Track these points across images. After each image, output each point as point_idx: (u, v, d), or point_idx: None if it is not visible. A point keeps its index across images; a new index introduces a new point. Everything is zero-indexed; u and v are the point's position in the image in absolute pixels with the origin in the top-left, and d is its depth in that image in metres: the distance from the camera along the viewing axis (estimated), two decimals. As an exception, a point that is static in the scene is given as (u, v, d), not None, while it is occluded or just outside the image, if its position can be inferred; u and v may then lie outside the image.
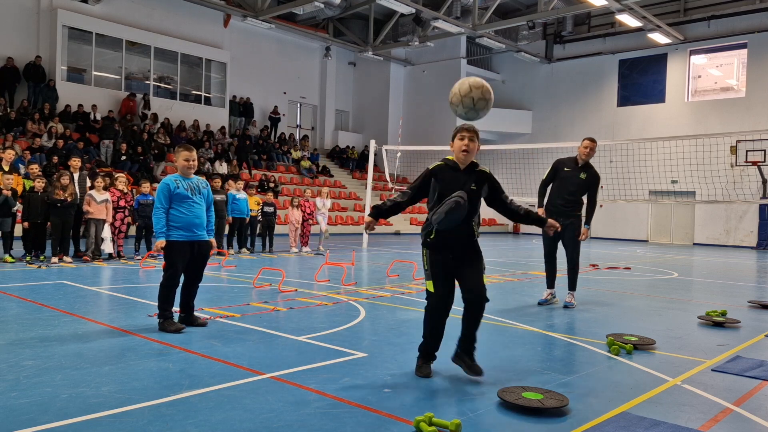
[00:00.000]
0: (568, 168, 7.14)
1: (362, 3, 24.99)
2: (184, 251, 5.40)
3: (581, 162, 7.12)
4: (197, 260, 5.54)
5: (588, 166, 7.15)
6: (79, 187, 10.68)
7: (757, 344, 5.50)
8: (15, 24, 19.15)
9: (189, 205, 5.42)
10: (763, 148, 21.35)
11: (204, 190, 5.62)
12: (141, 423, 3.13)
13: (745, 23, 23.31)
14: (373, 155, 17.67)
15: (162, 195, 5.38)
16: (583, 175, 7.06)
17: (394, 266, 11.03)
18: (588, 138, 7.19)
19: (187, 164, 5.49)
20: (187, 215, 5.39)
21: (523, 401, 3.52)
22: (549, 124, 28.05)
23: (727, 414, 3.56)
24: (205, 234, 5.56)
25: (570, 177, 7.06)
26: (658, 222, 25.64)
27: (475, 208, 4.21)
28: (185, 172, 5.53)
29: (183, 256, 5.40)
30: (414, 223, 26.16)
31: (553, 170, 7.23)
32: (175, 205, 5.39)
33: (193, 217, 5.42)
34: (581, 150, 7.10)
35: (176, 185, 5.42)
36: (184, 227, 5.38)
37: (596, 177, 7.12)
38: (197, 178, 5.63)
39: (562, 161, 7.26)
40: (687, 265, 14.26)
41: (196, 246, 5.47)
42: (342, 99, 30.45)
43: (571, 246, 7.10)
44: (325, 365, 4.30)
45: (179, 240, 5.37)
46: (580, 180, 7.05)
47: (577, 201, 7.12)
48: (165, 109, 22.28)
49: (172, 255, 5.36)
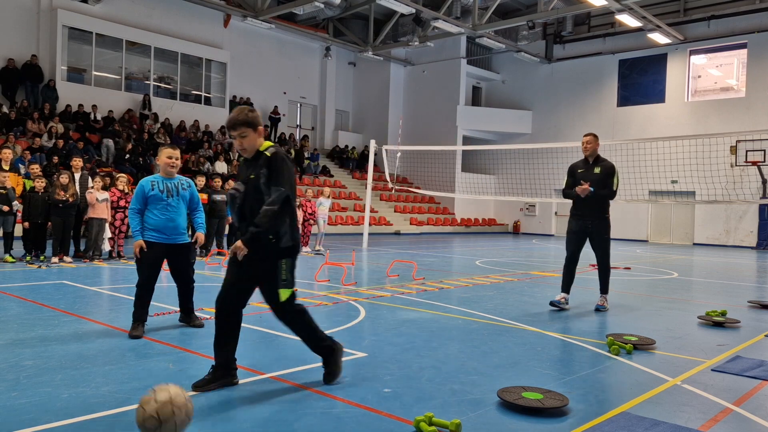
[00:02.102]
0: (581, 169, 7.08)
1: (362, 3, 24.99)
2: (156, 252, 5.21)
3: (590, 158, 7.07)
4: (177, 263, 5.38)
5: (599, 160, 7.07)
6: (80, 187, 10.69)
7: (757, 344, 5.50)
8: (15, 24, 19.15)
9: (163, 207, 5.22)
10: (763, 148, 21.36)
11: (185, 192, 5.40)
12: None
13: (745, 23, 23.32)
14: (373, 155, 17.66)
15: (136, 197, 5.26)
16: (597, 170, 6.97)
17: (394, 266, 11.03)
18: (585, 134, 7.15)
19: (170, 162, 5.30)
20: (159, 218, 5.20)
21: (523, 401, 3.52)
22: (549, 124, 28.06)
23: (727, 414, 3.56)
24: (182, 237, 5.35)
25: (585, 176, 6.96)
26: (658, 222, 25.64)
27: (256, 201, 3.67)
28: (167, 171, 5.34)
29: (154, 256, 5.21)
30: (414, 223, 26.17)
31: (569, 176, 7.19)
32: (150, 206, 5.23)
33: (166, 221, 5.22)
34: (582, 147, 7.08)
35: (151, 187, 5.25)
36: (156, 229, 5.20)
37: (611, 168, 6.96)
38: (180, 179, 5.43)
39: (574, 164, 7.23)
40: (687, 265, 14.26)
41: (172, 249, 5.28)
42: (342, 99, 30.44)
43: (601, 249, 7.03)
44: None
45: (150, 240, 5.19)
46: (595, 176, 6.92)
47: (600, 202, 6.96)
48: (165, 109, 22.28)
49: (141, 254, 5.18)
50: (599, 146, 7.07)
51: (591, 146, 6.99)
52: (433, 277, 9.97)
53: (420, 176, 27.53)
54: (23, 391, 3.54)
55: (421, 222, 26.67)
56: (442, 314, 6.50)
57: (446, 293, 8.12)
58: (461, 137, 28.62)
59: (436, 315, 6.45)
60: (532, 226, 29.13)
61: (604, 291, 7.19)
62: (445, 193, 23.19)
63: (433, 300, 7.45)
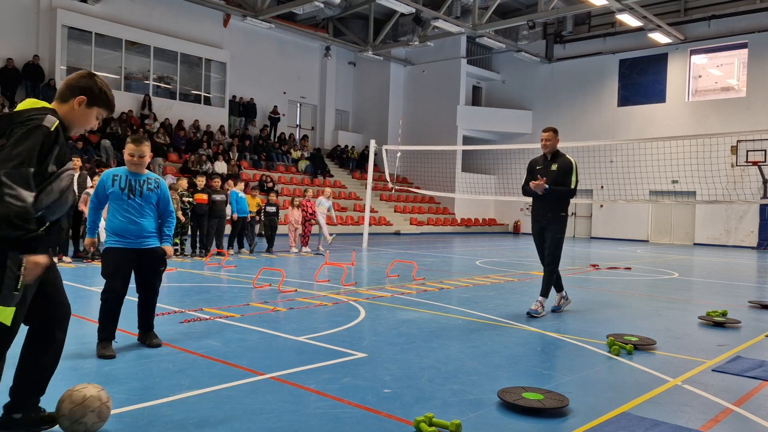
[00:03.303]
0: (540, 165, 6.76)
1: (362, 3, 24.98)
2: (118, 258, 4.58)
3: (548, 155, 6.72)
4: (143, 270, 4.72)
5: (558, 155, 6.70)
6: (79, 188, 10.69)
7: (757, 344, 5.49)
8: (15, 24, 19.14)
9: (123, 208, 4.60)
10: (763, 148, 21.35)
11: (150, 193, 4.68)
12: (141, 423, 3.13)
13: (745, 23, 23.32)
14: (373, 155, 17.66)
15: (95, 190, 4.71)
16: (554, 166, 6.61)
17: (394, 266, 11.03)
18: (545, 129, 6.75)
19: (132, 159, 4.63)
20: (120, 220, 4.59)
21: (523, 401, 3.51)
22: (549, 124, 27.92)
23: (728, 414, 3.55)
24: (150, 241, 4.69)
25: (543, 173, 6.63)
26: (659, 222, 25.64)
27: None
28: (131, 168, 4.68)
29: (116, 263, 4.58)
30: (414, 223, 26.16)
31: (528, 172, 6.84)
32: (111, 205, 4.64)
33: (128, 223, 4.58)
34: (541, 143, 6.73)
35: (112, 183, 4.61)
36: (117, 233, 4.60)
37: (568, 163, 6.59)
38: (148, 176, 4.74)
39: (533, 160, 6.89)
40: (687, 265, 14.25)
41: (139, 254, 4.63)
42: (342, 99, 30.44)
43: (550, 248, 6.61)
44: (325, 365, 4.29)
45: (114, 246, 4.60)
46: (552, 172, 6.58)
47: (557, 200, 6.61)
48: (165, 109, 22.28)
49: (105, 263, 4.63)
50: (559, 142, 6.72)
51: (550, 143, 6.64)
52: (433, 277, 9.96)
53: (420, 176, 27.52)
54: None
55: (421, 222, 26.67)
56: (442, 314, 6.49)
57: (446, 293, 8.12)
58: (461, 137, 28.62)
59: (436, 315, 6.44)
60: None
61: (544, 294, 6.64)
62: (445, 193, 23.19)
63: (433, 300, 7.44)
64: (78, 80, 2.93)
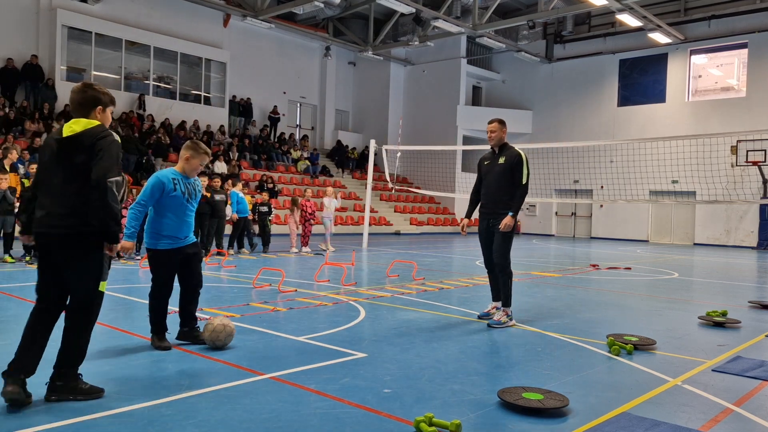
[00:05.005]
0: (488, 160, 6.28)
1: (362, 3, 24.98)
2: (175, 260, 4.79)
3: (495, 148, 6.22)
4: (190, 263, 4.90)
5: (505, 148, 6.16)
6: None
7: (757, 344, 5.49)
8: (14, 24, 19.14)
9: (181, 210, 4.76)
10: (763, 148, 21.34)
11: (198, 195, 4.98)
12: (141, 423, 3.13)
13: (745, 23, 23.31)
14: (373, 155, 17.66)
15: (150, 191, 4.63)
16: (501, 160, 6.08)
17: (394, 266, 11.03)
18: (490, 121, 6.25)
19: (200, 168, 4.89)
20: (176, 222, 4.74)
21: (523, 401, 3.51)
22: (549, 124, 28.04)
23: (728, 414, 3.55)
24: (192, 236, 4.95)
25: (490, 169, 6.17)
26: (659, 222, 25.63)
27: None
28: (191, 174, 4.88)
29: (171, 266, 4.80)
30: (414, 223, 26.16)
31: (478, 170, 6.38)
32: (165, 208, 4.70)
33: (182, 224, 4.79)
34: (487, 136, 6.25)
35: (173, 186, 4.69)
36: (171, 234, 4.73)
37: (516, 156, 5.99)
38: (195, 180, 4.98)
39: (482, 157, 6.41)
40: (687, 265, 14.25)
41: (185, 250, 4.85)
42: (342, 99, 30.44)
43: (498, 250, 6.00)
44: (325, 365, 4.30)
45: (165, 249, 4.73)
46: (499, 167, 6.07)
47: (505, 194, 6.04)
48: (164, 109, 22.28)
49: (158, 266, 4.77)
50: (506, 134, 6.21)
51: (496, 134, 6.12)
52: (433, 277, 9.96)
53: (420, 176, 27.52)
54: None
55: (421, 222, 26.67)
56: (442, 314, 6.49)
57: (446, 293, 8.12)
58: (461, 137, 28.61)
59: (436, 315, 6.44)
60: (532, 226, 29.11)
61: (504, 303, 6.02)
62: (445, 193, 23.17)
63: (433, 300, 7.44)
64: (86, 94, 3.51)
